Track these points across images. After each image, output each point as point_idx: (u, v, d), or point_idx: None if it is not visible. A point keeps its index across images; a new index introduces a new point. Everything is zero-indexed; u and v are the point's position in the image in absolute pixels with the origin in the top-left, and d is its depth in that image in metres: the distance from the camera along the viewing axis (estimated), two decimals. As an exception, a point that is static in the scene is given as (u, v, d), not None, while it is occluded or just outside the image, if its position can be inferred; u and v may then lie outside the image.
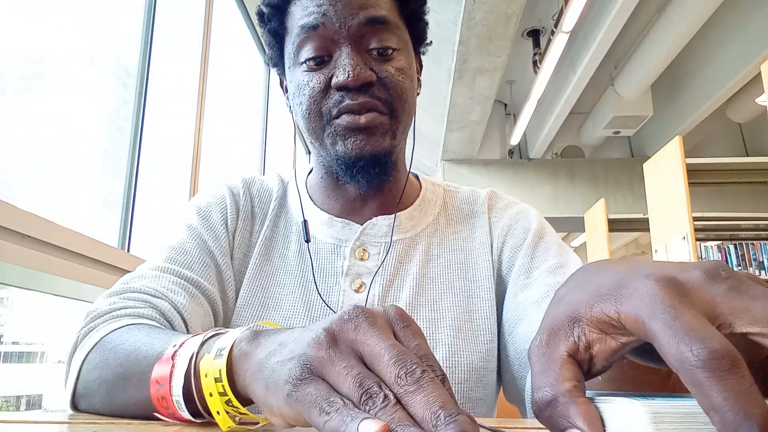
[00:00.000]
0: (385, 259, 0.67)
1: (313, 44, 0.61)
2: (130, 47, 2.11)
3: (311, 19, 0.60)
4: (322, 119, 0.62)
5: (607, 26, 4.26)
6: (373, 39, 0.61)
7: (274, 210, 0.72)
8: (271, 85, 3.85)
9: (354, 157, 0.61)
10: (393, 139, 0.63)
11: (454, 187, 0.78)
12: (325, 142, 0.63)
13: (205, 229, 0.66)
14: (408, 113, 0.65)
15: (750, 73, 4.67)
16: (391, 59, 0.62)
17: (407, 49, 0.66)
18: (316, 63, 0.61)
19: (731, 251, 3.24)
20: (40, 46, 1.79)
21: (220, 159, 3.03)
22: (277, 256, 0.68)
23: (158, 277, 0.59)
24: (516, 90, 6.52)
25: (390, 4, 0.64)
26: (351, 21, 0.60)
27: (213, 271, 0.64)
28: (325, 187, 0.71)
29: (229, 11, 3.22)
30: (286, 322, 0.63)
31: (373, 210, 0.69)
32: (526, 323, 0.62)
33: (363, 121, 0.60)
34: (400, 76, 0.62)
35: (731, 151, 6.87)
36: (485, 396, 0.64)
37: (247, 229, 0.69)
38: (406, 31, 0.66)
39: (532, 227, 0.70)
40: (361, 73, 0.59)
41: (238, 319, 0.64)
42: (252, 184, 0.73)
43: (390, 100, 0.61)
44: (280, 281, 0.66)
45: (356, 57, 0.60)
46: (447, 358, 0.62)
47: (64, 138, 1.90)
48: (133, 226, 1.96)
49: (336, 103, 0.60)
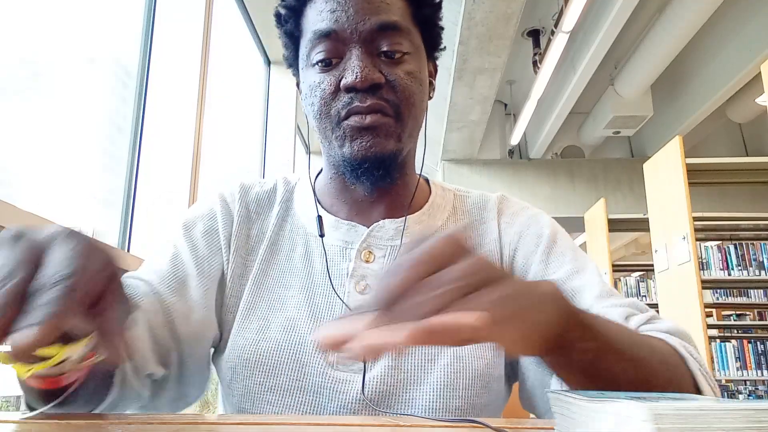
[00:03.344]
0: (392, 262, 0.66)
1: (324, 47, 0.62)
2: (130, 47, 2.11)
3: (324, 25, 0.62)
4: (332, 120, 0.63)
5: (607, 26, 4.26)
6: (384, 43, 0.62)
7: (279, 214, 0.72)
8: (271, 85, 3.85)
9: (360, 159, 0.61)
10: (398, 141, 0.63)
11: (464, 192, 0.77)
12: (333, 143, 0.64)
13: (186, 243, 0.66)
14: (415, 117, 0.65)
15: (750, 73, 4.68)
16: (401, 62, 0.63)
17: (419, 53, 0.66)
18: (327, 65, 0.62)
19: (731, 251, 3.24)
20: (40, 46, 1.79)
21: (220, 158, 3.03)
22: (283, 258, 0.68)
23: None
24: (516, 90, 6.52)
25: (403, 9, 0.65)
26: (362, 26, 0.61)
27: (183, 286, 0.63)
28: (334, 188, 0.71)
29: (229, 11, 3.22)
30: (290, 323, 0.63)
31: (381, 213, 0.69)
32: None
33: (368, 121, 0.60)
34: (409, 79, 0.63)
35: (731, 151, 6.88)
36: (490, 402, 0.63)
37: (244, 233, 0.69)
38: (419, 36, 0.67)
39: (545, 233, 0.69)
40: (368, 75, 0.60)
41: (245, 321, 0.64)
42: (250, 189, 0.73)
43: (397, 103, 0.62)
44: (286, 283, 0.66)
45: (365, 59, 0.61)
46: (451, 364, 0.61)
47: (64, 138, 1.90)
48: (133, 226, 1.96)
49: (345, 105, 0.61)
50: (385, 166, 0.62)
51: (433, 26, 0.69)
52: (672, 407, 0.25)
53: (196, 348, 0.64)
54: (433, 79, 0.73)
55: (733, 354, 3.17)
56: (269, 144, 3.71)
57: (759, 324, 4.16)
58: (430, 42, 0.69)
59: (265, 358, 0.61)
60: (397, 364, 0.60)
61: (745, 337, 3.24)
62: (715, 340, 3.20)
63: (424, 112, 0.68)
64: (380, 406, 0.59)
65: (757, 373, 3.15)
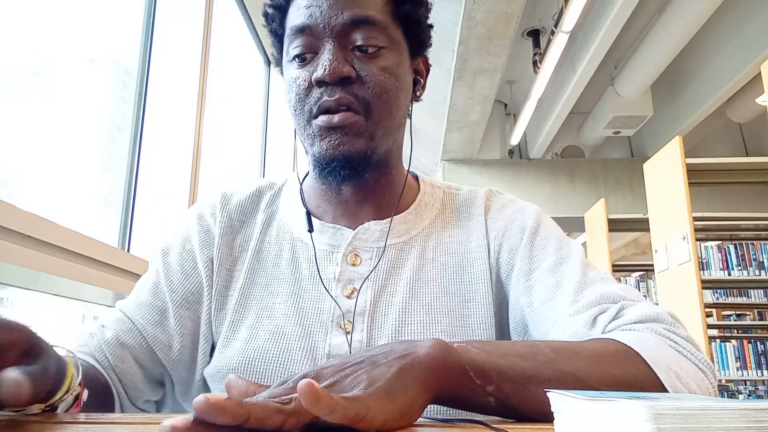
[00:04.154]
0: (378, 264, 0.66)
1: (300, 42, 0.62)
2: (130, 47, 2.11)
3: (299, 20, 0.62)
4: (305, 117, 0.62)
5: (607, 26, 4.26)
6: (358, 37, 0.61)
7: (264, 221, 0.71)
8: (271, 85, 3.85)
9: (327, 158, 0.61)
10: (370, 140, 0.62)
11: (455, 189, 0.76)
12: (306, 141, 0.64)
13: (164, 270, 0.67)
14: (389, 114, 0.63)
15: (750, 73, 4.67)
16: (375, 57, 0.62)
17: (397, 49, 0.64)
18: (302, 60, 0.62)
19: (731, 251, 3.24)
20: (40, 45, 1.79)
21: (220, 158, 3.03)
22: (270, 265, 0.67)
23: (106, 342, 0.63)
24: (516, 90, 6.52)
25: (381, 4, 0.63)
26: (335, 21, 0.61)
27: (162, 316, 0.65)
28: (320, 189, 0.70)
29: (229, 11, 3.22)
30: (279, 331, 0.62)
31: (368, 214, 0.68)
32: (532, 330, 0.62)
33: (336, 120, 0.60)
34: (382, 75, 0.61)
35: (731, 151, 6.87)
36: None
37: (227, 246, 0.68)
38: (399, 31, 0.65)
39: (528, 225, 0.68)
40: (338, 68, 0.59)
41: (235, 333, 0.64)
42: (231, 197, 0.72)
43: (367, 99, 0.61)
44: (274, 290, 0.66)
45: (337, 53, 0.60)
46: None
47: (64, 138, 1.90)
48: (133, 227, 1.96)
49: (316, 101, 0.61)
50: (352, 166, 0.61)
51: (415, 22, 0.67)
52: (672, 407, 0.25)
53: (186, 370, 0.65)
54: (422, 78, 0.71)
55: (733, 354, 3.17)
56: (269, 144, 3.71)
57: (759, 324, 4.16)
58: (415, 39, 0.67)
59: (254, 366, 0.60)
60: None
61: (745, 337, 3.24)
62: (715, 340, 3.20)
63: (402, 109, 0.66)
64: None
65: (757, 373, 3.15)
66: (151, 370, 0.63)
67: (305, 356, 0.61)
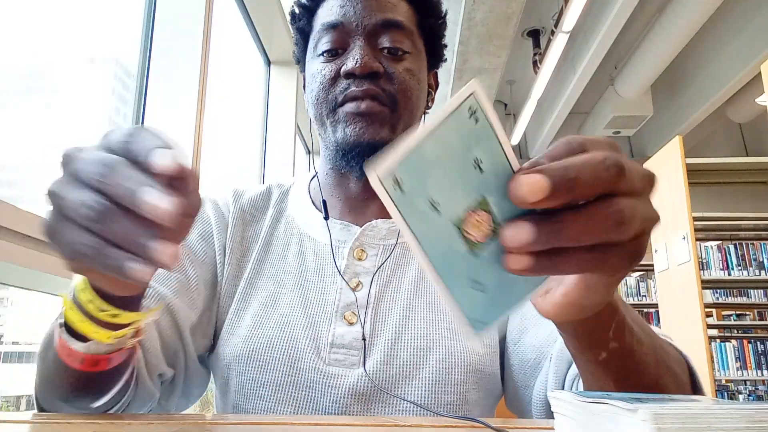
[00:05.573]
0: (385, 261, 0.67)
1: (331, 37, 0.66)
2: (130, 47, 2.11)
3: (332, 18, 0.66)
4: (329, 105, 0.65)
5: (607, 26, 4.26)
6: (387, 39, 0.66)
7: (273, 216, 0.73)
8: (271, 85, 3.85)
9: (352, 143, 0.64)
10: (392, 132, 0.65)
11: None
12: (328, 129, 0.66)
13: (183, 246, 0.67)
14: (411, 112, 0.66)
15: (750, 73, 4.67)
16: (401, 60, 0.66)
17: (419, 56, 0.69)
18: (331, 54, 0.66)
19: (731, 251, 3.24)
20: (40, 45, 1.79)
21: (220, 158, 3.03)
22: (276, 257, 0.69)
23: None
24: (516, 90, 6.52)
25: (409, 14, 0.68)
26: (368, 21, 0.65)
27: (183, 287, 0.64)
28: (330, 183, 0.72)
29: (229, 11, 3.22)
30: (284, 320, 0.64)
31: (375, 212, 0.70)
32: (532, 333, 0.62)
33: (363, 107, 0.63)
34: (407, 75, 0.66)
35: (731, 151, 6.87)
36: (480, 398, 0.63)
37: (239, 236, 0.70)
38: (422, 42, 0.70)
39: None
40: (368, 62, 0.63)
41: (239, 321, 0.65)
42: (243, 193, 0.75)
43: (393, 93, 0.64)
44: (279, 281, 0.67)
45: (367, 49, 0.64)
46: (444, 359, 0.61)
47: (64, 138, 1.90)
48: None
49: (342, 91, 0.64)
50: (375, 154, 0.62)
51: (436, 37, 0.72)
52: (672, 407, 0.25)
53: (199, 346, 0.66)
54: (433, 91, 0.75)
55: (733, 354, 3.17)
56: (269, 144, 3.71)
57: (759, 324, 4.15)
58: (433, 52, 0.72)
59: (258, 354, 0.62)
60: (389, 359, 0.61)
61: (745, 337, 3.23)
62: (715, 340, 3.19)
63: (419, 112, 0.69)
64: (373, 399, 0.60)
65: (757, 373, 3.15)
66: (169, 340, 0.62)
67: (309, 345, 0.62)
